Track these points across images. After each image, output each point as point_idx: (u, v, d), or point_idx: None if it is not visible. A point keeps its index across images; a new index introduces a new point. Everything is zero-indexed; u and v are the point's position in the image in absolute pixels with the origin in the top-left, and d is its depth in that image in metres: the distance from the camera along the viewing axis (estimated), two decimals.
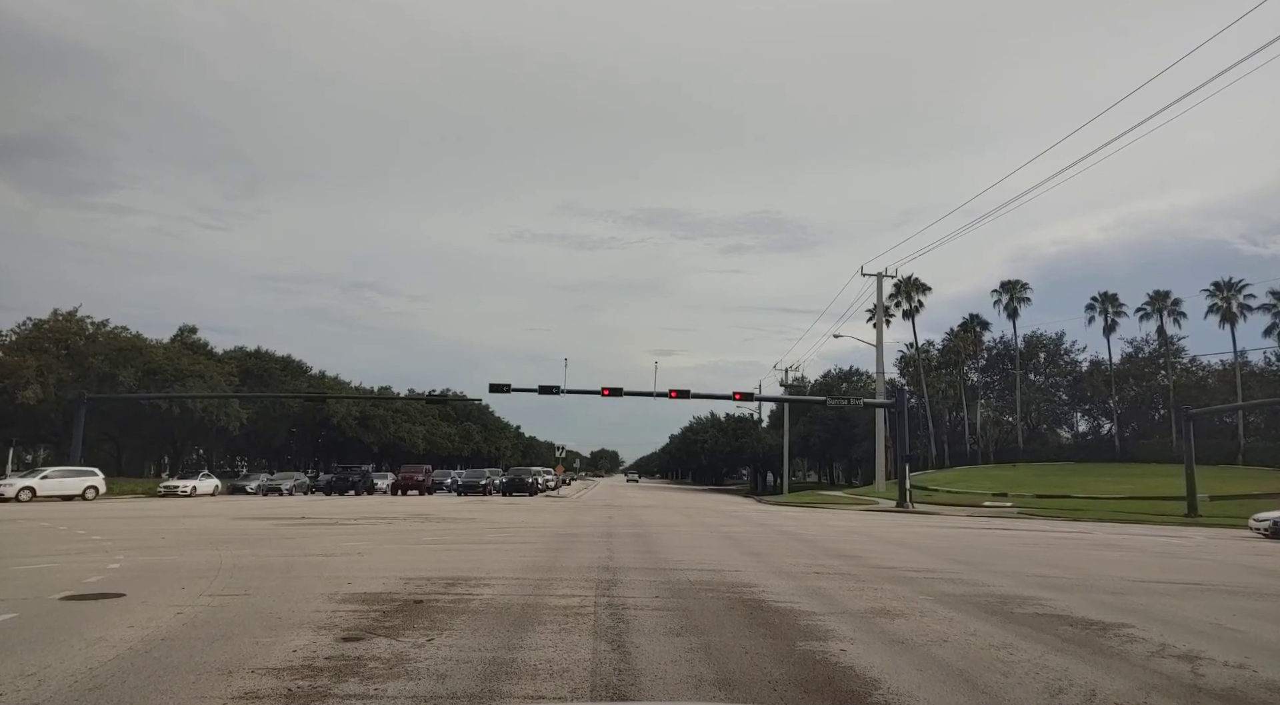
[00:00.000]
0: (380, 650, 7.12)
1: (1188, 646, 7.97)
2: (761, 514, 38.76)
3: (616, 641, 7.67)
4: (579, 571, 13.06)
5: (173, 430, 63.10)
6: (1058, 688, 6.31)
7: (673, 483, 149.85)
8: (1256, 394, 66.23)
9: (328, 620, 8.47)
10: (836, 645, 7.70)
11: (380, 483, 57.34)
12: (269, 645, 7.25)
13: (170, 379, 57.82)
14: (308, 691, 5.79)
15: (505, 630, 8.12)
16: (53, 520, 24.34)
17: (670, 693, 5.99)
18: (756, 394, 67.03)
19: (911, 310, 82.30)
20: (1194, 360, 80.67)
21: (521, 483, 55.50)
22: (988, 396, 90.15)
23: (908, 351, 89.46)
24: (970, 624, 8.99)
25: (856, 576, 13.15)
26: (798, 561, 15.39)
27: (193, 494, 46.20)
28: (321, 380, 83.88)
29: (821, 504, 51.12)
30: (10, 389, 47.92)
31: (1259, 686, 6.54)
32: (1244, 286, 70.26)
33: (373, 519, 26.53)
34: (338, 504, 38.22)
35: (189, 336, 69.82)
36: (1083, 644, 8.01)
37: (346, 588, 10.72)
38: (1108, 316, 78.58)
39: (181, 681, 6.02)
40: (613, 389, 51.21)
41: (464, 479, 58.85)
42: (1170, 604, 10.89)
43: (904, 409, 50.99)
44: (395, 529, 22.30)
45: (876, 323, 66.67)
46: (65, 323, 55.27)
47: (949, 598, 10.93)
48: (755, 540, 20.77)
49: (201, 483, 48.56)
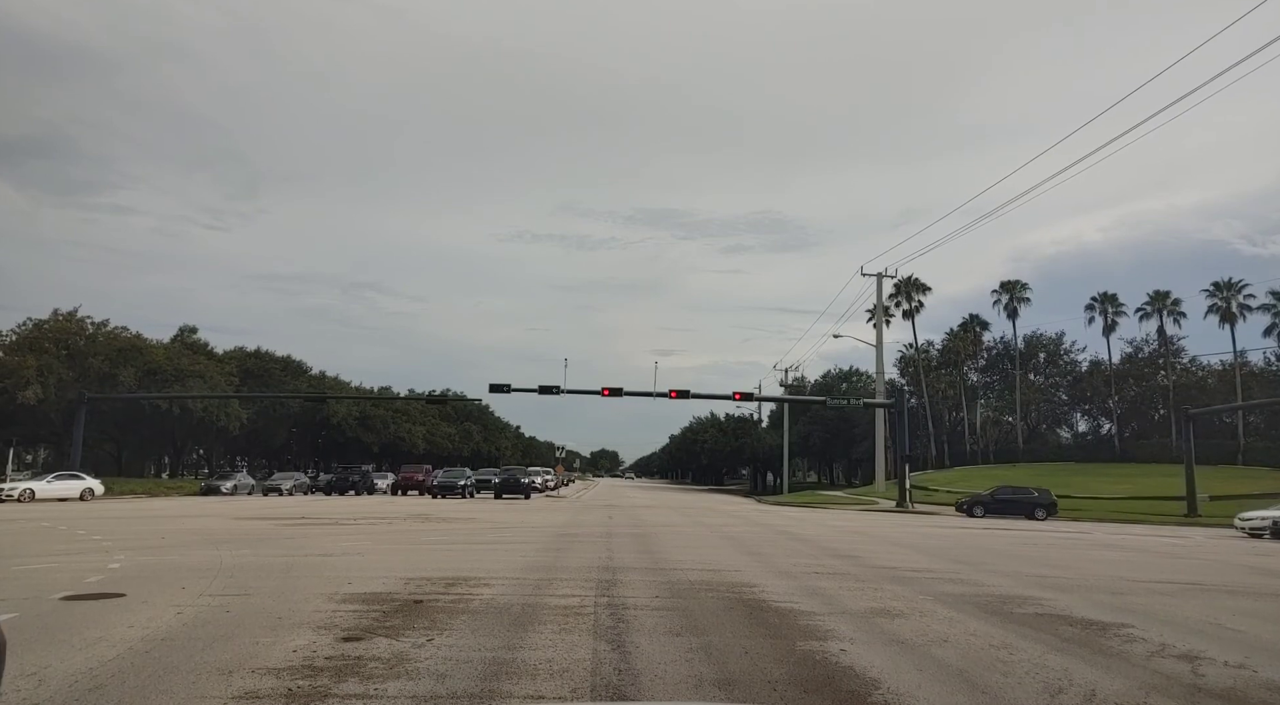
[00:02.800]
0: (380, 650, 7.12)
1: (1188, 646, 7.97)
2: (761, 514, 38.78)
3: (616, 641, 7.67)
4: (579, 571, 13.06)
5: (173, 430, 63.07)
6: (1058, 688, 6.31)
7: (673, 483, 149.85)
8: (1256, 394, 66.26)
9: (328, 620, 8.47)
10: (836, 645, 7.70)
11: (380, 483, 57.28)
12: (269, 645, 7.24)
13: (170, 379, 57.80)
14: (308, 691, 5.79)
15: (505, 630, 8.12)
16: (52, 520, 24.34)
17: (670, 693, 5.99)
18: (756, 394, 67.09)
19: (911, 310, 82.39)
20: (1194, 360, 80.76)
21: (516, 484, 49.97)
22: (987, 396, 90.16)
23: (908, 351, 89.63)
24: (970, 624, 9.00)
25: (856, 576, 13.15)
26: (798, 561, 15.40)
27: (234, 493, 48.09)
28: (321, 380, 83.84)
29: (821, 504, 51.14)
30: (10, 389, 47.90)
31: (1259, 686, 6.55)
32: (1244, 286, 70.43)
33: (373, 519, 26.53)
34: (338, 504, 38.22)
35: (189, 336, 69.80)
36: (1083, 644, 8.02)
37: (346, 588, 10.72)
38: (1107, 316, 78.67)
39: (181, 681, 6.02)
40: (613, 389, 51.23)
41: (440, 479, 50.23)
42: (1170, 604, 10.90)
43: (904, 409, 51.04)
44: (395, 529, 22.31)
45: (876, 323, 66.75)
46: (65, 323, 55.22)
47: (949, 598, 10.94)
48: (755, 540, 20.78)
49: (241, 481, 50.93)
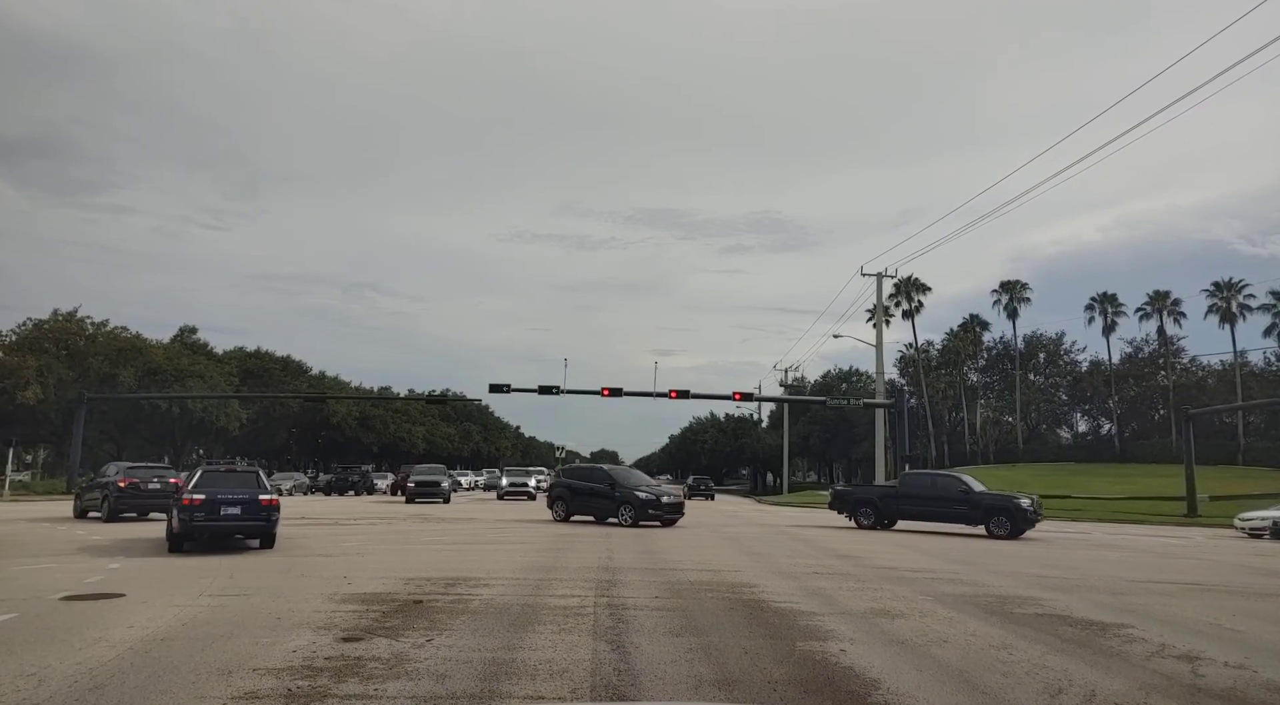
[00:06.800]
0: (380, 650, 7.12)
1: (1188, 647, 7.97)
2: (761, 514, 38.81)
3: (616, 642, 7.67)
4: (578, 572, 13.05)
5: (173, 430, 63.06)
6: (1057, 688, 6.31)
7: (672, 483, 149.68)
8: (1256, 394, 66.23)
9: (327, 620, 8.47)
10: (836, 645, 7.70)
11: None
12: (269, 645, 7.24)
13: (170, 379, 57.79)
14: (308, 691, 5.79)
15: (505, 630, 8.12)
16: (52, 521, 24.33)
17: (670, 693, 5.99)
18: (756, 394, 67.08)
19: (911, 310, 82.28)
20: (1194, 360, 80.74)
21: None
22: (987, 396, 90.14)
23: (907, 352, 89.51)
24: (970, 624, 8.99)
25: (856, 576, 13.15)
26: (797, 561, 15.39)
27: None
28: (321, 380, 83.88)
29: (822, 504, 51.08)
30: (10, 389, 47.86)
31: (1259, 687, 6.54)
32: (1244, 286, 70.41)
33: (372, 519, 26.52)
34: (337, 504, 38.21)
35: (189, 337, 69.80)
36: (1082, 644, 8.01)
37: (346, 588, 10.72)
38: (1107, 317, 78.64)
39: (181, 681, 6.02)
40: (613, 389, 51.22)
41: (417, 480, 40.67)
42: (1170, 604, 10.89)
43: (904, 409, 51.07)
44: (395, 529, 22.30)
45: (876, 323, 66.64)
46: (65, 323, 55.20)
47: (949, 598, 10.93)
48: (755, 540, 20.77)
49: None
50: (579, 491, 26.03)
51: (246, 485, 16.13)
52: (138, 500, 23.58)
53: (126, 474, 23.87)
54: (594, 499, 25.39)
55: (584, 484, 26.21)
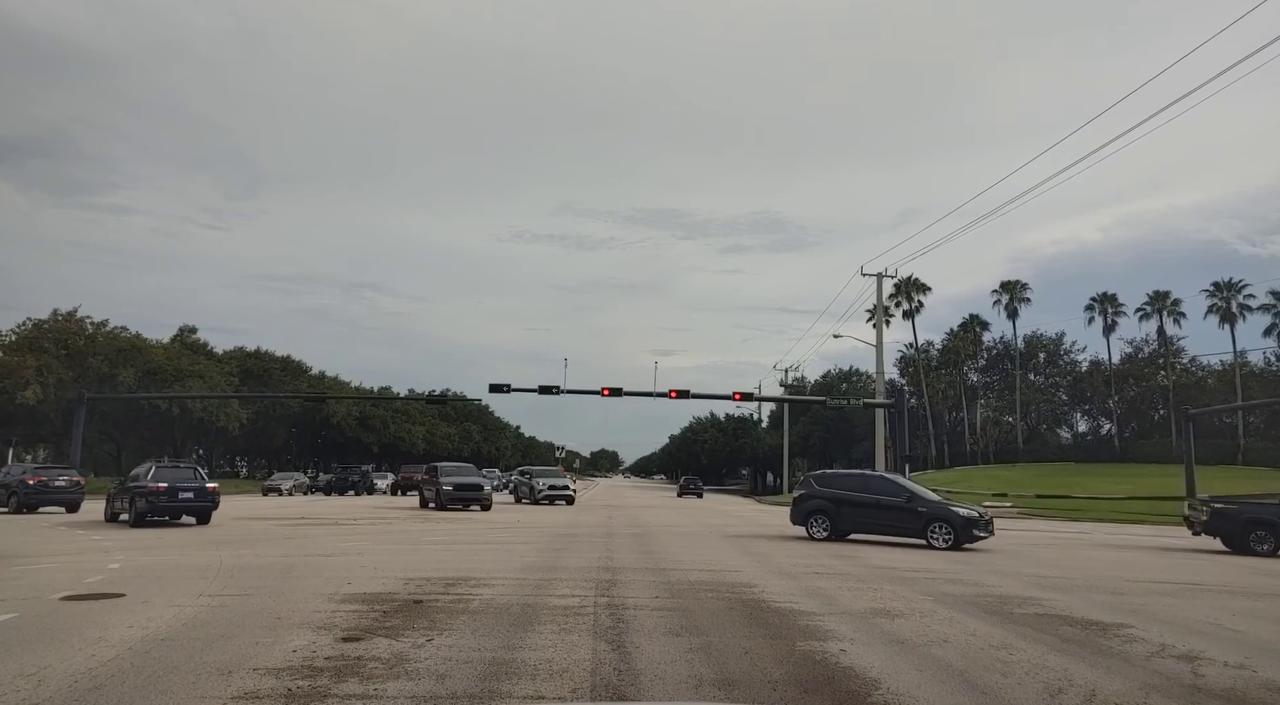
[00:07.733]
0: (380, 650, 7.12)
1: (1188, 647, 7.97)
2: (761, 514, 38.79)
3: (616, 641, 7.67)
4: (579, 571, 13.06)
5: (173, 430, 63.07)
6: (1057, 688, 6.31)
7: (673, 483, 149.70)
8: (1256, 394, 66.23)
9: (328, 620, 8.46)
10: (836, 645, 7.70)
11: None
12: (269, 645, 7.24)
13: (170, 379, 57.77)
14: (308, 691, 5.79)
15: (505, 630, 8.12)
16: (51, 521, 24.33)
17: (670, 693, 5.99)
18: (756, 394, 66.98)
19: (911, 310, 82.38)
20: (1194, 360, 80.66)
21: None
22: (987, 396, 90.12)
23: (907, 351, 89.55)
24: (970, 624, 9.00)
25: (856, 576, 13.15)
26: (797, 561, 15.40)
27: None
28: (321, 380, 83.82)
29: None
30: (10, 389, 47.87)
31: (1259, 687, 6.54)
32: (1244, 287, 70.36)
33: (372, 519, 26.53)
34: (337, 504, 38.21)
35: (189, 336, 69.78)
36: (1083, 644, 8.01)
37: (346, 588, 10.72)
38: (1107, 317, 78.59)
39: (181, 681, 6.02)
40: (612, 389, 51.14)
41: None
42: (1170, 604, 10.89)
43: (904, 409, 50.99)
44: (395, 529, 22.31)
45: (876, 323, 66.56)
46: (65, 323, 55.22)
47: (949, 598, 10.94)
48: (755, 540, 20.77)
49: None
50: None
51: (192, 477, 22.11)
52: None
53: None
54: None
55: None
